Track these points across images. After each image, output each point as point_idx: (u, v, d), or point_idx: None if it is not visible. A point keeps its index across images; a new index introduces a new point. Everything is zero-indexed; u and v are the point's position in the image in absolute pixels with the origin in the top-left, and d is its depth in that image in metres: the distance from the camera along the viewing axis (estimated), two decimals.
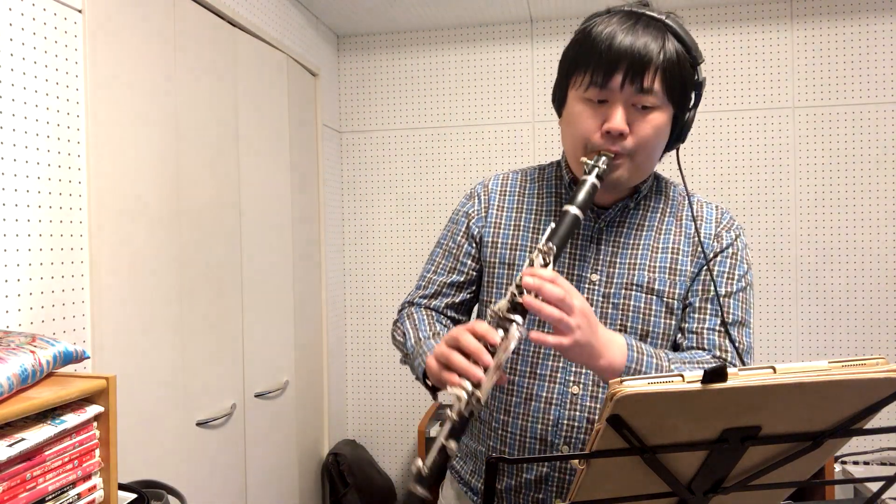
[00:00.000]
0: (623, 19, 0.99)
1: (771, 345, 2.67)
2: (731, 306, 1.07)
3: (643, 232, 1.09)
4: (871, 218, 2.60)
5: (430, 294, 1.20)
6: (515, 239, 1.13)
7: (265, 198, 2.16)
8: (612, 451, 0.63)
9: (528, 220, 1.13)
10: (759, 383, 0.57)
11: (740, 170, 2.69)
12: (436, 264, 1.21)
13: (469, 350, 0.88)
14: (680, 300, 1.07)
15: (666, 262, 1.07)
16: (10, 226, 1.21)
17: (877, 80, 2.59)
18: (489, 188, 1.19)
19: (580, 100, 1.01)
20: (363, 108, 2.98)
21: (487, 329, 0.89)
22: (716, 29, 2.70)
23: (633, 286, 1.06)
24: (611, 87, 0.97)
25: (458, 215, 1.21)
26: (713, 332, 1.06)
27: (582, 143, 1.01)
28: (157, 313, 1.57)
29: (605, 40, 0.97)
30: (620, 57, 0.95)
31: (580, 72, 1.00)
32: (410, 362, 1.11)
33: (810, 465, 0.68)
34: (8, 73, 1.20)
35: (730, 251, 1.09)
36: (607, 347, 0.94)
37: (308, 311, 2.52)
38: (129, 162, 1.50)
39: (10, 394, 0.88)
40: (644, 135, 0.99)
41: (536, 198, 1.15)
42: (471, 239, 1.17)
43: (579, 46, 1.01)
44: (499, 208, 1.16)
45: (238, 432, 1.96)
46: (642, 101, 0.97)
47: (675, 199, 1.14)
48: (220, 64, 1.91)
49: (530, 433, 1.09)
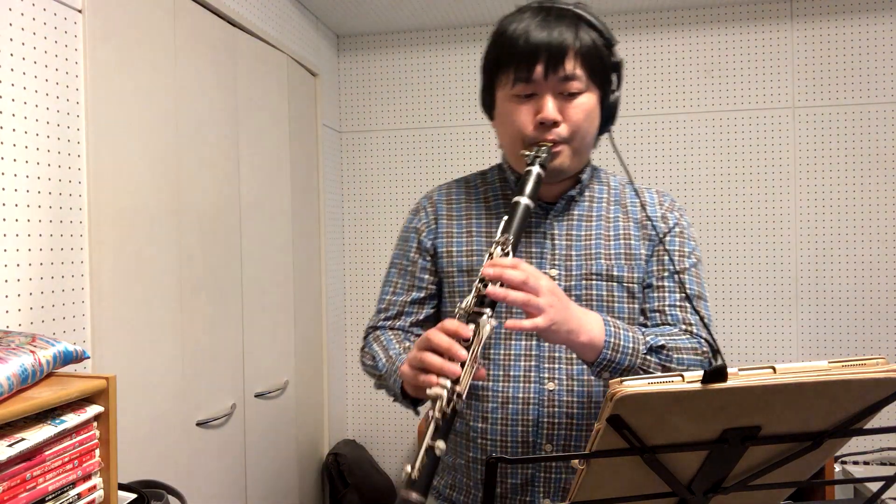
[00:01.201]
0: (534, 14, 1.03)
1: (771, 345, 2.67)
2: (685, 281, 1.11)
3: (592, 222, 1.12)
4: (871, 218, 2.60)
5: (392, 315, 1.19)
6: (470, 245, 1.13)
7: (265, 198, 2.16)
8: (612, 451, 0.63)
9: (480, 224, 1.14)
10: (759, 383, 0.57)
11: (740, 170, 2.69)
12: (393, 284, 1.20)
13: (441, 348, 0.87)
14: (639, 283, 1.11)
15: (620, 248, 1.10)
16: (10, 226, 1.21)
17: (877, 80, 2.59)
18: (434, 200, 1.20)
19: (509, 98, 1.05)
20: (363, 108, 2.98)
21: (458, 324, 0.88)
22: (716, 29, 2.70)
23: (594, 276, 1.08)
24: (535, 78, 1.00)
25: (406, 232, 1.21)
26: (675, 307, 1.09)
27: (519, 139, 1.04)
28: (157, 313, 1.57)
29: (521, 36, 1.01)
30: (539, 48, 0.99)
31: (504, 71, 1.04)
32: (385, 383, 1.09)
33: (810, 465, 0.68)
34: (8, 73, 1.20)
35: (677, 230, 1.14)
36: (584, 322, 0.95)
37: (308, 311, 2.52)
38: (129, 162, 1.50)
39: (10, 394, 0.88)
40: (576, 119, 1.02)
41: (484, 202, 1.16)
42: (424, 253, 1.17)
43: (498, 48, 1.05)
44: (448, 217, 1.16)
45: (238, 432, 1.96)
46: (568, 87, 1.01)
47: (616, 188, 1.18)
48: (220, 64, 1.91)
49: (511, 437, 1.07)
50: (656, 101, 2.75)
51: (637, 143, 2.76)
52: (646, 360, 0.99)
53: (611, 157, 2.78)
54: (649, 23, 2.75)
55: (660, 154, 2.75)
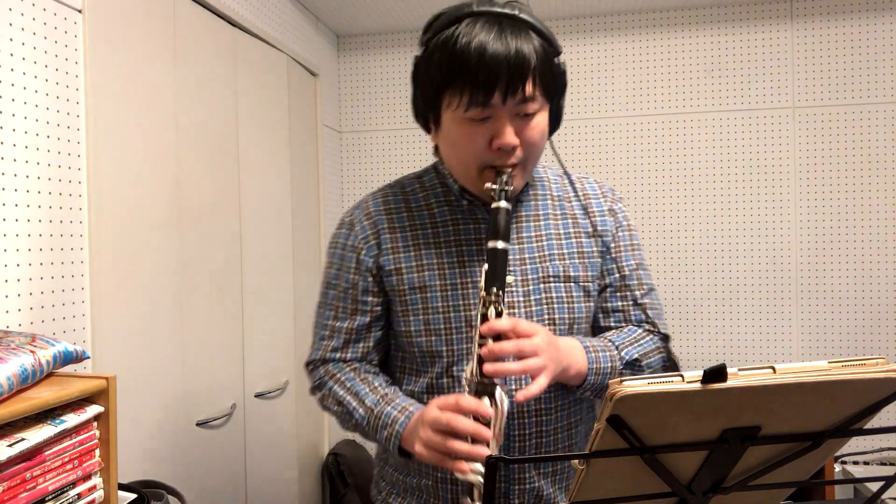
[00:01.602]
0: (485, 26, 0.92)
1: (771, 345, 2.67)
2: (641, 277, 1.12)
3: (541, 221, 1.09)
4: (871, 218, 2.60)
5: (340, 345, 1.10)
6: (420, 259, 1.06)
7: (265, 198, 2.16)
8: (611, 451, 0.63)
9: (426, 235, 1.07)
10: (759, 383, 0.57)
11: (740, 170, 2.69)
12: (334, 308, 1.11)
13: (467, 433, 0.87)
14: (594, 282, 1.10)
15: (573, 247, 1.09)
16: (11, 226, 1.21)
17: (877, 80, 2.59)
18: (371, 212, 1.10)
19: (460, 121, 0.96)
20: (363, 108, 2.98)
21: (476, 404, 0.87)
22: (716, 29, 2.70)
23: (551, 278, 1.06)
24: (493, 103, 0.92)
25: (342, 250, 1.10)
26: (637, 306, 1.10)
27: (474, 164, 0.98)
28: (157, 313, 1.57)
29: (475, 54, 0.90)
30: (497, 71, 0.90)
31: (455, 92, 0.93)
32: (365, 433, 1.05)
33: (810, 465, 0.68)
34: (8, 73, 1.20)
35: (625, 223, 1.13)
36: (571, 356, 0.97)
37: (308, 312, 2.51)
38: (129, 162, 1.50)
39: (10, 394, 0.88)
40: (533, 141, 0.98)
41: (426, 209, 1.09)
42: (366, 273, 1.08)
43: (447, 63, 0.93)
44: (390, 230, 1.08)
45: (238, 432, 1.96)
46: (525, 109, 0.95)
47: (555, 181, 1.14)
48: (220, 64, 1.91)
49: None
50: (656, 101, 2.75)
51: (637, 143, 2.76)
52: (622, 374, 1.02)
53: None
54: (649, 23, 2.75)
55: (660, 154, 2.75)
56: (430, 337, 1.05)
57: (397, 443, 0.98)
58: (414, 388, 1.08)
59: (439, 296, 1.04)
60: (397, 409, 1.00)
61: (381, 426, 1.01)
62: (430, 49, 0.96)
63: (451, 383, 1.04)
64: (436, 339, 1.05)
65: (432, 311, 1.05)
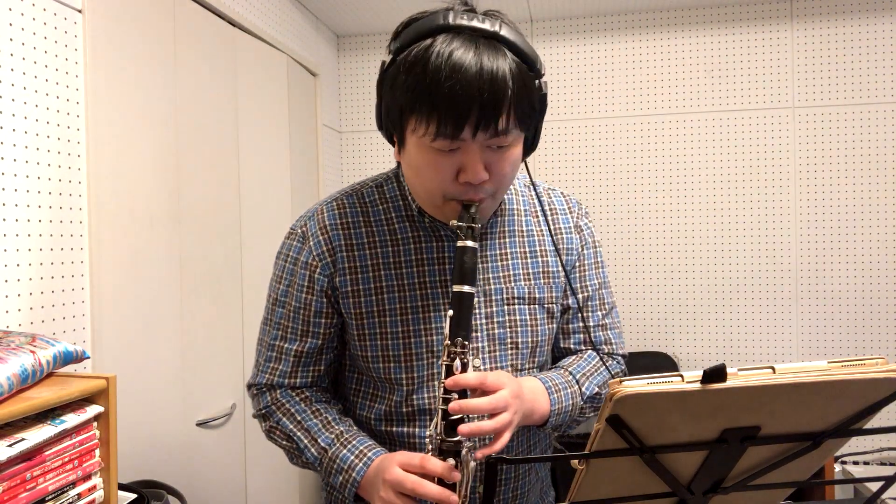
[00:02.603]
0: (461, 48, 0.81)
1: (771, 345, 2.67)
2: (603, 296, 1.09)
3: (506, 239, 1.03)
4: (871, 218, 2.60)
5: (288, 370, 1.01)
6: (378, 281, 0.98)
7: (265, 198, 2.16)
8: (611, 452, 0.63)
9: (386, 254, 0.99)
10: (759, 383, 0.57)
11: (740, 170, 2.69)
12: (282, 328, 1.01)
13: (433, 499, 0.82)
14: (557, 303, 1.05)
15: (538, 266, 1.03)
16: (11, 226, 1.21)
17: (877, 80, 2.59)
18: (326, 225, 0.99)
19: (425, 149, 0.86)
20: (363, 108, 2.98)
21: (443, 467, 0.82)
22: (716, 29, 2.70)
23: (515, 300, 1.01)
24: (462, 137, 0.83)
25: (293, 265, 1.00)
26: (598, 328, 1.08)
27: (438, 195, 0.89)
28: (157, 313, 1.57)
29: (445, 84, 0.80)
30: (469, 104, 0.80)
31: (421, 118, 0.83)
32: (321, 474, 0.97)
33: (810, 465, 0.68)
34: (8, 73, 1.20)
35: (590, 240, 1.09)
36: (536, 402, 0.94)
37: None
38: (129, 162, 1.50)
39: (10, 394, 0.88)
40: (504, 174, 0.89)
41: (385, 224, 1.00)
42: (319, 294, 0.99)
43: (415, 88, 0.82)
44: (347, 247, 0.98)
45: (238, 432, 1.96)
46: (498, 142, 0.86)
47: (524, 194, 1.07)
48: (221, 64, 1.91)
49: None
50: (656, 101, 2.75)
51: (637, 143, 2.76)
52: (582, 410, 1.01)
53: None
54: (650, 23, 2.75)
55: (660, 154, 2.75)
56: (389, 363, 0.98)
57: (353, 491, 0.92)
58: (370, 415, 1.02)
59: (399, 320, 0.97)
60: (354, 452, 0.93)
61: (335, 470, 0.93)
62: (398, 63, 0.85)
63: (412, 413, 0.98)
64: (395, 365, 0.98)
65: (391, 337, 0.98)
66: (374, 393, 1.02)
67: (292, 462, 1.02)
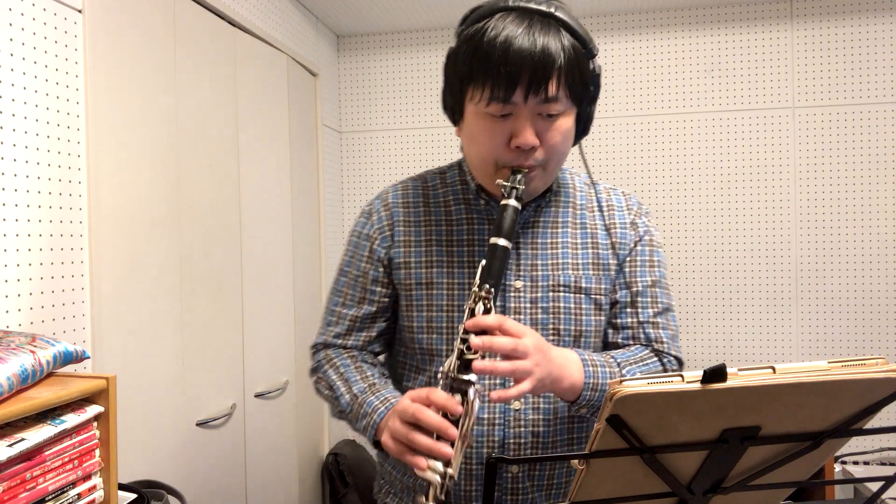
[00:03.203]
0: (515, 21, 0.90)
1: (771, 345, 2.67)
2: (657, 295, 1.08)
3: (559, 229, 1.06)
4: (871, 218, 2.60)
5: (343, 331, 1.11)
6: (430, 255, 1.05)
7: (265, 198, 2.16)
8: (611, 451, 0.63)
9: (440, 231, 1.06)
10: (759, 383, 0.57)
11: (740, 170, 2.69)
12: (343, 295, 1.11)
13: (432, 427, 0.83)
14: (607, 295, 1.06)
15: (588, 257, 1.05)
16: (11, 226, 1.21)
17: (877, 80, 2.59)
18: (389, 203, 1.10)
19: (481, 115, 0.94)
20: (363, 108, 2.98)
21: (447, 398, 0.84)
22: (716, 29, 2.70)
23: (561, 287, 1.03)
24: (514, 100, 0.90)
25: (358, 238, 1.11)
26: (648, 324, 1.06)
27: (491, 161, 0.96)
28: (157, 313, 1.57)
29: (500, 49, 0.88)
30: (520, 68, 0.88)
31: (477, 85, 0.92)
32: (349, 421, 1.04)
33: (810, 465, 0.68)
34: (8, 73, 1.20)
35: (646, 238, 1.09)
36: (566, 368, 0.93)
37: (308, 311, 2.52)
38: (129, 162, 1.50)
39: (10, 394, 0.88)
40: (554, 143, 0.94)
41: (443, 206, 1.08)
42: (377, 263, 1.08)
43: (472, 55, 0.92)
44: (405, 223, 1.08)
45: (238, 432, 1.96)
46: (548, 109, 0.92)
47: (582, 190, 1.11)
48: (220, 64, 1.91)
49: (476, 459, 1.02)
50: (656, 101, 2.75)
51: (637, 143, 2.76)
52: None
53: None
54: (650, 23, 2.75)
55: (660, 154, 2.75)
56: (432, 334, 1.04)
57: (373, 432, 0.96)
58: (412, 386, 1.07)
59: (445, 294, 1.04)
60: (380, 399, 0.99)
61: (361, 415, 0.99)
62: (460, 41, 0.96)
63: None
64: (437, 336, 1.04)
65: (436, 309, 1.04)
66: (417, 366, 1.08)
67: (332, 413, 1.10)
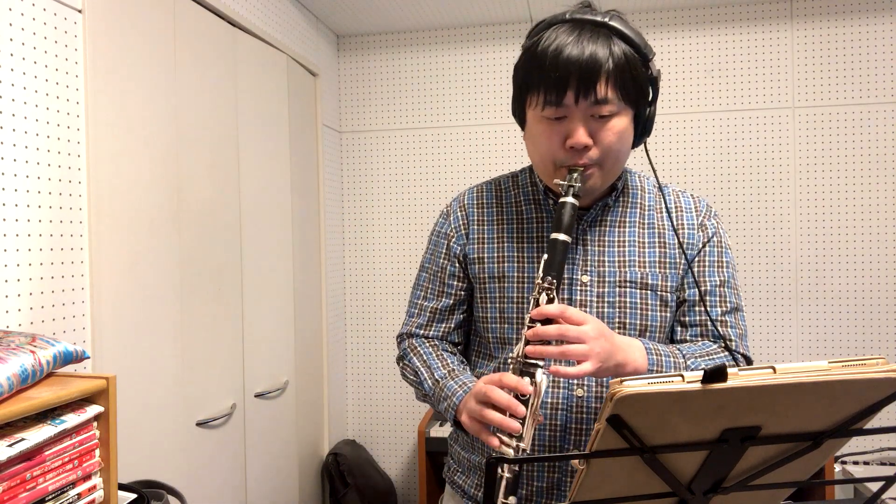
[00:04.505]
0: (567, 31, 0.98)
1: (771, 345, 2.67)
2: (725, 294, 1.11)
3: (626, 228, 1.11)
4: (871, 218, 2.60)
5: (424, 322, 1.20)
6: (502, 251, 1.13)
7: (265, 198, 2.16)
8: (612, 451, 0.63)
9: (511, 229, 1.14)
10: (759, 383, 0.57)
11: (740, 170, 2.69)
12: (424, 289, 1.22)
13: (501, 404, 0.92)
14: (673, 292, 1.10)
15: (655, 255, 1.10)
16: (11, 226, 1.21)
17: (877, 80, 2.59)
18: (465, 203, 1.19)
19: (539, 119, 1.02)
20: (363, 108, 2.98)
21: (517, 380, 0.92)
22: (716, 29, 2.70)
23: (627, 283, 1.08)
24: (565, 103, 0.97)
25: (437, 237, 1.21)
26: (716, 322, 1.10)
27: (550, 161, 1.03)
28: (157, 313, 1.57)
29: (550, 58, 0.97)
30: (569, 72, 0.96)
31: (533, 91, 1.01)
32: (432, 404, 1.13)
33: (810, 465, 0.68)
34: (8, 73, 1.20)
35: (715, 239, 1.13)
36: (629, 354, 0.98)
37: (308, 311, 2.52)
38: (129, 162, 1.50)
39: (10, 394, 0.88)
40: (608, 143, 1.00)
41: (514, 206, 1.16)
42: (453, 259, 1.18)
43: (528, 66, 1.02)
44: (479, 222, 1.17)
45: (238, 432, 1.96)
46: (599, 111, 0.98)
47: (650, 191, 1.16)
48: (220, 64, 1.91)
49: (538, 441, 1.08)
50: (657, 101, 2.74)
51: None
52: None
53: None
54: (650, 23, 2.75)
55: (660, 154, 2.75)
56: (504, 325, 1.11)
57: (453, 414, 1.05)
58: (485, 372, 1.14)
59: (515, 287, 1.11)
60: (458, 383, 1.07)
61: (442, 398, 1.08)
62: (522, 53, 1.04)
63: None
64: (508, 326, 1.11)
65: (508, 301, 1.11)
66: (489, 353, 1.16)
67: (417, 396, 1.19)
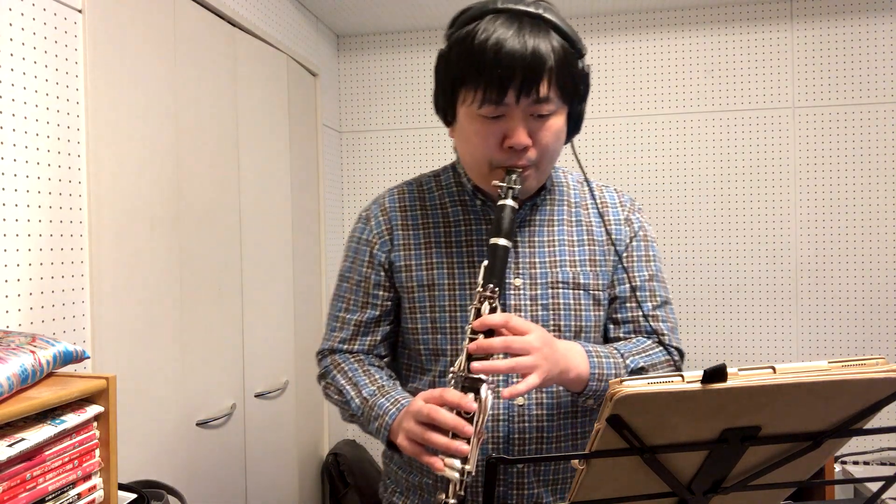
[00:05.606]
0: (505, 24, 0.92)
1: (771, 345, 2.67)
2: (655, 289, 1.10)
3: (555, 227, 1.08)
4: (871, 218, 2.60)
5: (348, 336, 1.12)
6: (430, 257, 1.07)
7: (265, 198, 2.16)
8: (611, 451, 0.63)
9: (438, 233, 1.08)
10: (759, 383, 0.57)
11: (740, 170, 2.69)
12: (346, 301, 1.13)
13: (448, 426, 0.86)
14: (605, 290, 1.08)
15: (585, 254, 1.08)
16: (11, 226, 1.21)
17: (877, 80, 2.59)
18: (386, 207, 1.12)
19: (473, 117, 0.96)
20: (363, 108, 2.98)
21: (460, 397, 0.86)
22: (716, 29, 2.70)
23: (560, 284, 1.05)
24: (506, 102, 0.92)
25: (357, 244, 1.13)
26: (648, 317, 1.08)
27: (485, 162, 0.98)
28: (157, 313, 1.57)
29: (491, 52, 0.90)
30: (512, 70, 0.90)
31: (469, 88, 0.94)
32: (361, 424, 1.06)
33: (810, 465, 0.68)
34: (8, 73, 1.20)
35: (641, 234, 1.12)
36: (571, 359, 0.95)
37: (308, 312, 2.52)
38: (129, 162, 1.50)
39: (10, 394, 0.88)
40: (546, 142, 0.96)
41: (440, 208, 1.10)
42: (378, 267, 1.10)
43: (463, 60, 0.94)
44: (403, 227, 1.10)
45: (238, 432, 1.96)
46: (539, 110, 0.94)
47: (574, 187, 1.14)
48: (220, 64, 1.91)
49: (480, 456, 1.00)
50: (656, 101, 2.75)
51: (637, 143, 2.76)
52: None
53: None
54: (650, 23, 2.75)
55: (660, 154, 2.75)
56: (436, 335, 1.06)
57: (386, 434, 0.98)
58: (418, 386, 1.09)
59: (447, 294, 1.05)
60: (390, 400, 1.00)
61: (372, 417, 1.01)
62: (451, 44, 0.98)
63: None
64: (441, 336, 1.06)
65: (439, 310, 1.06)
66: (421, 366, 1.10)
67: (343, 417, 1.10)
